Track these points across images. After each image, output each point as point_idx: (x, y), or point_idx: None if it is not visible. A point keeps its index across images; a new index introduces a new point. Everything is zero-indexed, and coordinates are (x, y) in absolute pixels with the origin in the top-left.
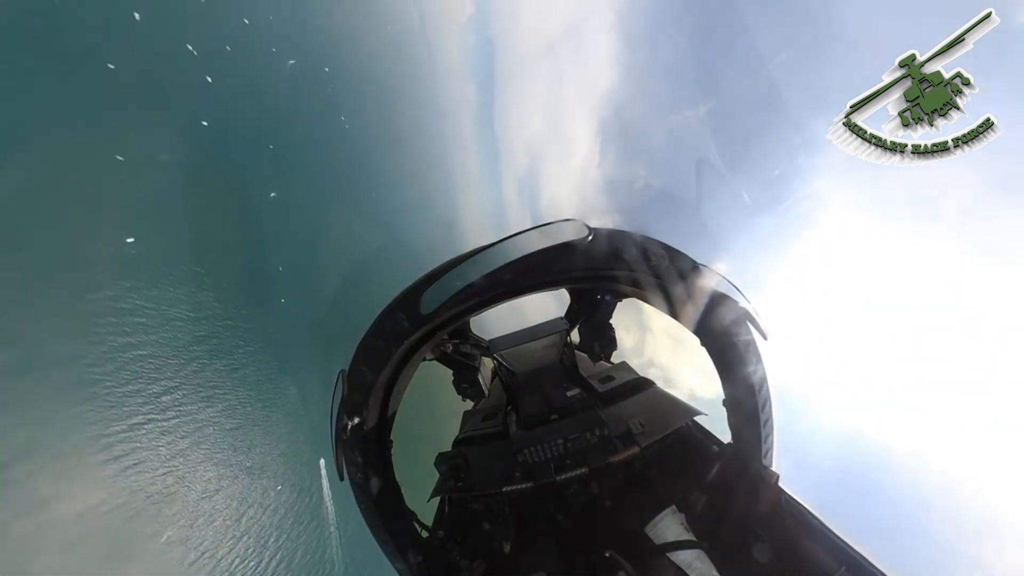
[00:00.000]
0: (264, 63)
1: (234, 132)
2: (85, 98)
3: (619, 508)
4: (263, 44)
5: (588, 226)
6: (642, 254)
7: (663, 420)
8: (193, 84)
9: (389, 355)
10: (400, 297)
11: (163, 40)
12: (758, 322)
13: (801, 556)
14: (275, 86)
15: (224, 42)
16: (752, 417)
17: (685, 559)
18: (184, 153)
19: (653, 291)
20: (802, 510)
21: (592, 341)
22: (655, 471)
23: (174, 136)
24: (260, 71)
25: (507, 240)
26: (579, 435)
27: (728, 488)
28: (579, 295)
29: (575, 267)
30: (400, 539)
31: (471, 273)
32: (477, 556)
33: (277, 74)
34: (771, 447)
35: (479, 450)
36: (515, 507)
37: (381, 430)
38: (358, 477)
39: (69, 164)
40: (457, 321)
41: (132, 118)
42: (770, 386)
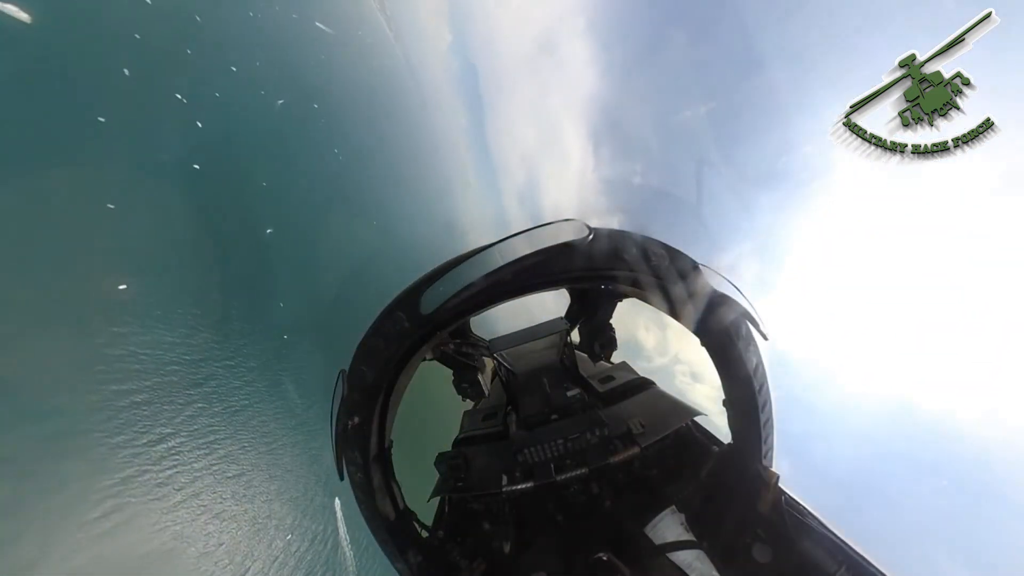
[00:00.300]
0: (254, 105)
1: (226, 173)
2: (76, 148)
3: (619, 508)
4: (252, 87)
5: (588, 226)
6: (642, 254)
7: (663, 420)
8: (184, 130)
9: (389, 355)
10: (400, 297)
11: (153, 91)
12: (758, 322)
13: (801, 556)
14: (266, 126)
15: (214, 88)
16: (752, 417)
17: (685, 559)
18: (177, 197)
19: (653, 291)
20: (802, 510)
21: (592, 341)
22: (655, 471)
23: (167, 181)
24: (250, 113)
25: (507, 240)
26: (579, 435)
27: (728, 488)
28: (579, 295)
29: (575, 267)
30: (400, 539)
31: (471, 273)
32: (477, 556)
33: (267, 113)
34: (771, 447)
35: (479, 450)
36: (515, 507)
37: (381, 430)
38: (358, 477)
39: (59, 213)
40: (457, 321)
41: (123, 165)
42: (770, 386)
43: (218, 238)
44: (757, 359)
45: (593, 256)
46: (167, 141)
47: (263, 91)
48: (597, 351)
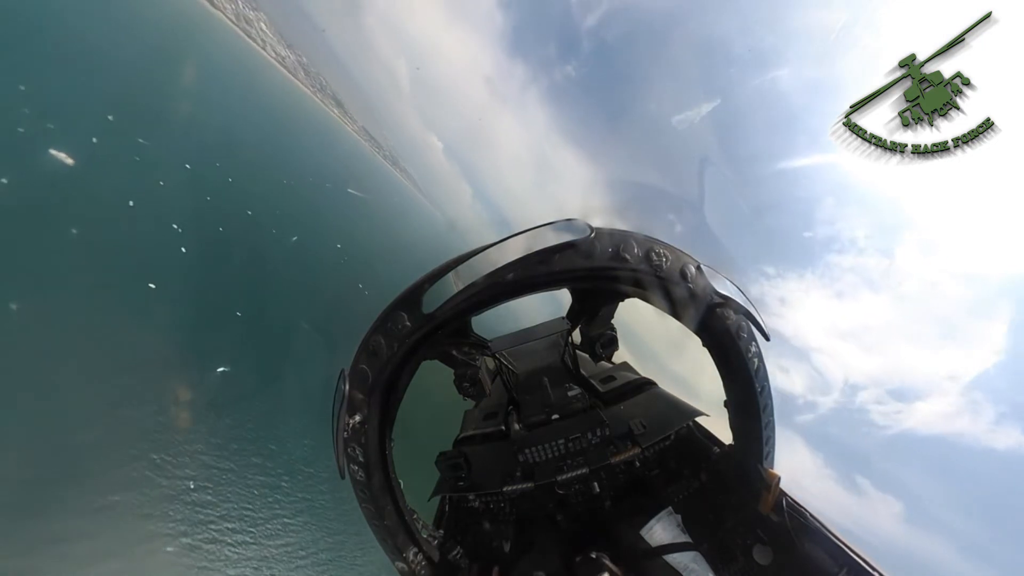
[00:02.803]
0: (267, 242)
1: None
2: (94, 287)
3: (618, 509)
4: (262, 227)
5: (590, 225)
6: (644, 254)
7: (664, 421)
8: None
9: (391, 354)
10: (402, 296)
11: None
12: (760, 323)
13: (802, 558)
14: (280, 261)
15: (217, 225)
16: (753, 418)
17: (681, 561)
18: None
19: (655, 291)
20: (803, 512)
21: (593, 341)
22: (656, 472)
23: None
24: (262, 248)
25: (509, 239)
26: (580, 435)
27: (728, 489)
28: (581, 295)
29: (577, 266)
30: (400, 538)
31: (473, 272)
32: (477, 555)
33: (280, 249)
34: (772, 449)
35: (480, 449)
36: (515, 507)
37: (382, 429)
38: (359, 476)
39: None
40: (458, 320)
41: (130, 293)
42: (771, 387)
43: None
44: (759, 360)
45: (595, 256)
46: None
47: (274, 229)
48: (598, 351)
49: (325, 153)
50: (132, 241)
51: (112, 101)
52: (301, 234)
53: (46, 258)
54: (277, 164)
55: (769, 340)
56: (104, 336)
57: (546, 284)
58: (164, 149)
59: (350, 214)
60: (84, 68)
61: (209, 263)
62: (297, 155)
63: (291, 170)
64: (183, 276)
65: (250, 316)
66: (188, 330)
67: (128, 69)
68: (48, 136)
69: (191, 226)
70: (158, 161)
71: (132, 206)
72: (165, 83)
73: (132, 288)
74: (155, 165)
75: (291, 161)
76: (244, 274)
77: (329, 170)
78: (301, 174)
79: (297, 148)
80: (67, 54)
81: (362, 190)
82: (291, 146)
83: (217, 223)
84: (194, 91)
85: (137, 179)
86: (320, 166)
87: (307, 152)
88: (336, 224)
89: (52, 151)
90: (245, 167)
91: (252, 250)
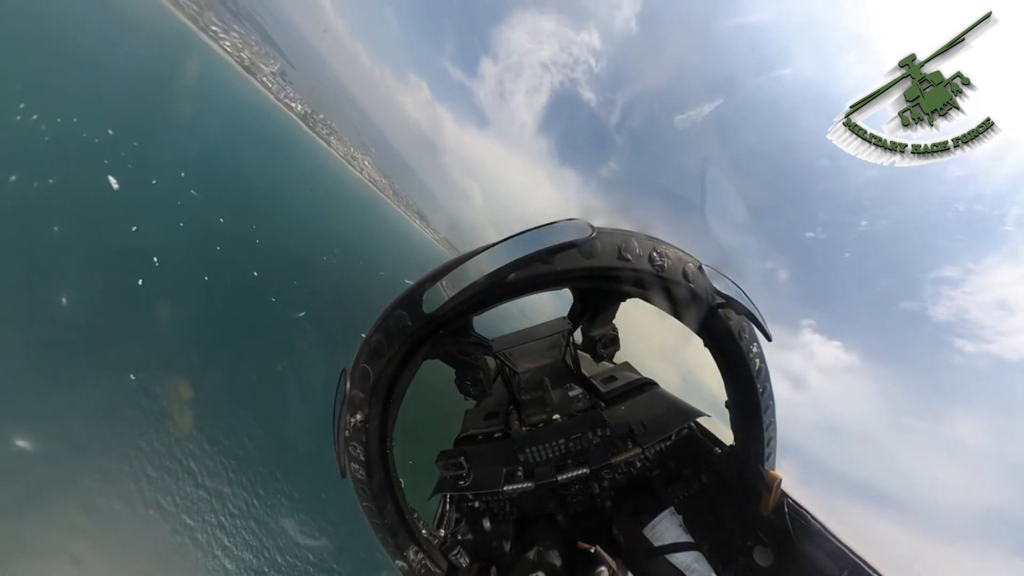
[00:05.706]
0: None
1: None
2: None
3: (619, 509)
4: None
5: (592, 225)
6: (646, 254)
7: (665, 421)
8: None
9: (392, 353)
10: (403, 296)
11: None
12: (762, 324)
13: (803, 560)
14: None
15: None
16: (755, 419)
17: (684, 561)
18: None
19: (656, 291)
20: (804, 513)
21: (595, 341)
22: (656, 472)
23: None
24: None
25: (510, 239)
26: (581, 435)
27: (729, 490)
28: (582, 295)
29: (578, 266)
30: (401, 537)
31: (474, 272)
32: (477, 555)
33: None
34: (774, 450)
35: (481, 449)
36: (516, 506)
37: (383, 428)
38: (360, 475)
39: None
40: (460, 320)
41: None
42: (773, 388)
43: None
44: (760, 361)
45: (596, 256)
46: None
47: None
48: (599, 351)
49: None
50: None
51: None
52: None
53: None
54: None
55: (771, 340)
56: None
57: (547, 284)
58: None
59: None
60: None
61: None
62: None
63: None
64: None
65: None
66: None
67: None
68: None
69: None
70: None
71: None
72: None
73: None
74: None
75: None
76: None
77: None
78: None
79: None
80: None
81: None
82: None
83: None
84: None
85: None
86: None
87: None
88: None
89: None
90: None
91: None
